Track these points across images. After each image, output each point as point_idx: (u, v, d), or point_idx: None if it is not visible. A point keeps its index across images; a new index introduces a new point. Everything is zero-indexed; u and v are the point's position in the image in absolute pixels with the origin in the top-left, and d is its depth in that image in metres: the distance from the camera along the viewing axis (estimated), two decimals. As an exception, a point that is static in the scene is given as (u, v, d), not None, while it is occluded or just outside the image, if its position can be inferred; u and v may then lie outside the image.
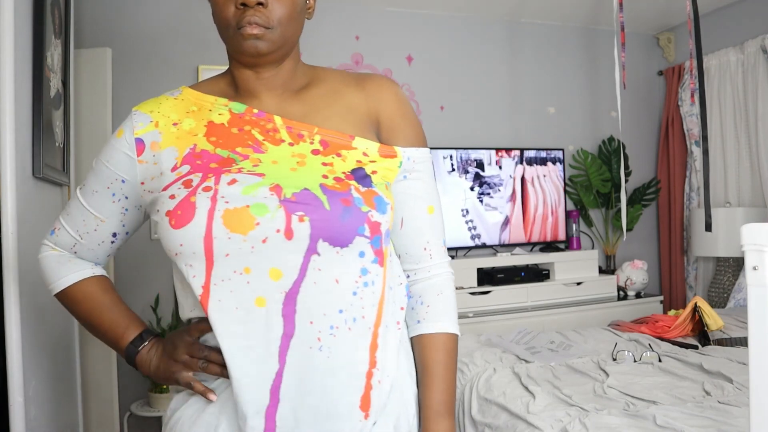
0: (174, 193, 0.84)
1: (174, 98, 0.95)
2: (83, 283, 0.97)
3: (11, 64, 1.41)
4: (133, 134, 0.91)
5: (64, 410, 1.90)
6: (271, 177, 0.83)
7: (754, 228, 0.86)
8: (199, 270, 0.82)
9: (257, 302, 0.81)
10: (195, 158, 0.87)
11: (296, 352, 0.81)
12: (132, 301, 3.01)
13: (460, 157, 3.53)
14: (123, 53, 3.04)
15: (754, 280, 0.87)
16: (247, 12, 0.84)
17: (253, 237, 0.80)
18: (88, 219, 0.95)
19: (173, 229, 0.82)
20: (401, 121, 0.95)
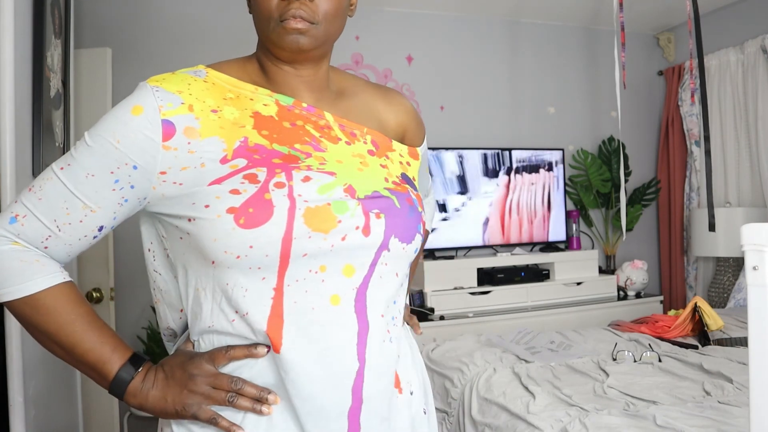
0: (237, 188, 0.75)
1: (203, 80, 0.81)
2: (52, 291, 0.77)
3: (11, 64, 1.41)
4: (160, 114, 0.76)
5: (64, 410, 1.90)
6: (343, 177, 0.81)
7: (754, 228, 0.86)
8: (270, 273, 0.76)
9: (332, 301, 0.78)
10: (251, 152, 0.77)
11: (374, 348, 0.80)
12: (132, 304, 3.02)
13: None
14: (123, 53, 3.04)
15: (754, 280, 0.87)
16: (293, 4, 0.79)
17: (333, 235, 0.77)
18: (74, 207, 0.77)
19: (243, 229, 0.73)
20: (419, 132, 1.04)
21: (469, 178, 3.55)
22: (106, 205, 0.78)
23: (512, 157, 3.65)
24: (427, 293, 3.28)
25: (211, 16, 3.23)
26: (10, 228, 0.77)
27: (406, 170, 0.91)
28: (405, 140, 0.99)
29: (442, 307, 3.26)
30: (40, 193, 0.77)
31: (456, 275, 3.38)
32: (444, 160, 3.49)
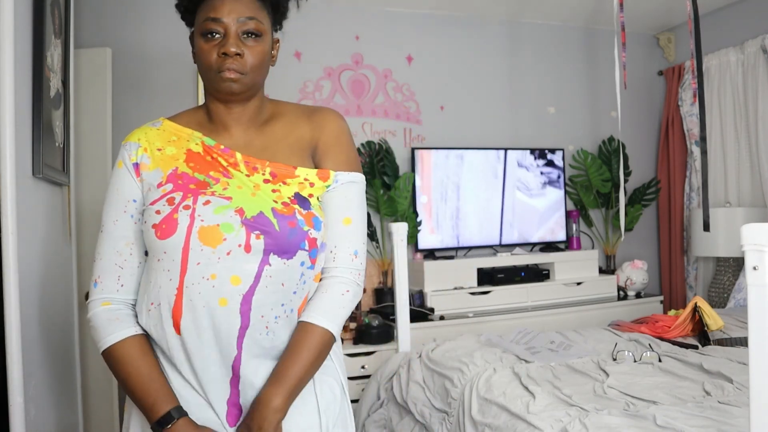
0: (159, 209, 1.02)
1: (156, 128, 1.13)
2: (125, 344, 1.04)
3: (11, 64, 1.41)
4: (130, 160, 1.08)
5: (64, 410, 1.90)
6: (237, 201, 1.03)
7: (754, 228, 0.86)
8: (174, 273, 1.01)
9: (220, 303, 1.00)
10: (177, 178, 1.06)
11: (249, 340, 1.02)
12: (132, 301, 3.02)
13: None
14: (123, 53, 3.04)
15: (754, 280, 0.87)
16: (227, 60, 1.04)
17: (220, 250, 1.00)
18: (121, 247, 1.08)
19: (159, 240, 1.01)
20: (335, 147, 1.14)
21: (469, 178, 3.55)
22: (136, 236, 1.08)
23: (512, 157, 3.65)
24: (427, 293, 3.28)
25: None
26: (96, 292, 1.08)
27: (303, 190, 1.08)
28: (317, 150, 1.14)
29: (442, 307, 3.26)
30: (98, 257, 1.10)
31: (456, 275, 3.38)
32: (444, 160, 3.49)
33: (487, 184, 3.59)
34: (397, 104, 3.62)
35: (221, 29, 1.04)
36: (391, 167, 3.42)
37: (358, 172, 1.15)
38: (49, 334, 1.77)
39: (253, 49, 1.06)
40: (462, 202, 3.53)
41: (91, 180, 2.71)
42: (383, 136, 3.55)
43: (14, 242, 1.42)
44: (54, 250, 1.86)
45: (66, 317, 2.00)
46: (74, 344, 2.10)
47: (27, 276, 1.51)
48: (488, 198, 3.59)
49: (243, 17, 1.05)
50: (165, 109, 3.27)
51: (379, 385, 2.43)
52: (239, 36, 1.05)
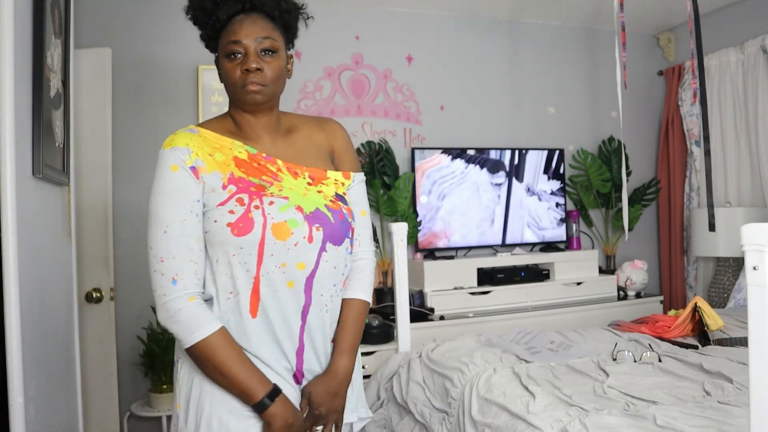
0: (232, 209, 1.16)
1: (197, 135, 1.22)
2: (215, 337, 1.14)
3: (11, 64, 1.41)
4: (187, 164, 1.17)
5: (64, 410, 1.90)
6: (293, 200, 1.20)
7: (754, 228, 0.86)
8: (251, 265, 1.16)
9: (288, 285, 1.19)
10: (236, 182, 1.18)
11: (313, 314, 1.22)
12: (132, 302, 3.02)
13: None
14: (123, 53, 3.04)
15: (754, 280, 0.87)
16: (250, 75, 1.19)
17: (289, 242, 1.17)
18: (192, 244, 1.16)
19: (236, 237, 1.15)
20: (346, 152, 1.37)
21: (469, 178, 3.55)
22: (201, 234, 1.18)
23: (512, 157, 3.65)
24: (427, 293, 3.28)
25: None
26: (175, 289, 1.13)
27: (338, 190, 1.29)
28: (334, 156, 1.35)
29: (442, 307, 3.26)
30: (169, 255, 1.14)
31: (456, 275, 3.38)
32: (444, 160, 3.49)
33: (487, 184, 3.59)
34: (397, 104, 3.62)
35: (242, 49, 1.20)
36: (391, 167, 3.42)
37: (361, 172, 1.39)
38: (49, 334, 1.77)
39: (271, 63, 1.21)
40: (462, 202, 3.53)
41: (91, 180, 2.71)
42: (383, 136, 3.55)
43: (14, 242, 1.42)
44: (54, 250, 1.86)
45: (66, 317, 2.00)
46: (74, 344, 2.10)
47: (27, 276, 1.51)
48: (488, 198, 3.59)
49: (260, 37, 1.20)
50: (165, 109, 3.30)
51: (379, 385, 2.43)
52: (258, 53, 1.20)
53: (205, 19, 1.24)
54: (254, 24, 1.21)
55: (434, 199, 3.47)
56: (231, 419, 1.16)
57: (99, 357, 2.71)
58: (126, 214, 3.06)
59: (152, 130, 3.14)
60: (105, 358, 2.74)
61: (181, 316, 1.13)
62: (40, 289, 1.68)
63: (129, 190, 3.07)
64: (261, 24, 1.21)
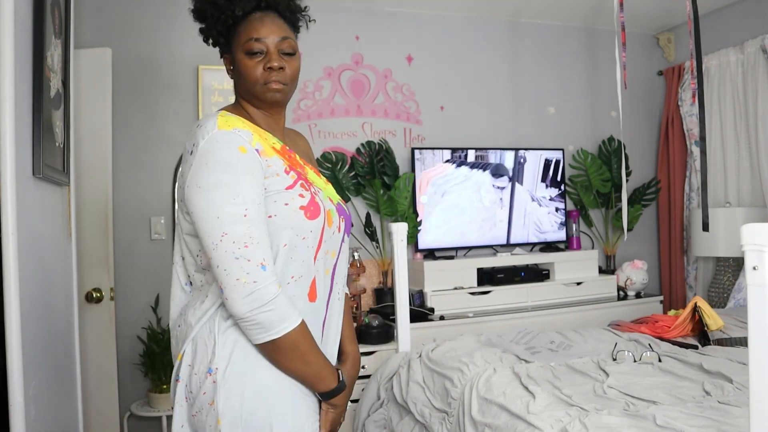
0: (302, 193, 1.17)
1: (242, 121, 1.19)
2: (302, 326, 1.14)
3: (11, 64, 1.41)
4: (252, 146, 1.13)
5: (64, 410, 1.90)
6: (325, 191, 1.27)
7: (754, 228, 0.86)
8: (313, 250, 1.19)
9: (326, 272, 1.25)
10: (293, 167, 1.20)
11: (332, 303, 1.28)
12: (132, 302, 3.02)
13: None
14: (123, 53, 3.04)
15: (754, 280, 0.87)
16: (273, 73, 1.20)
17: (333, 229, 1.23)
18: (266, 227, 1.12)
19: (308, 220, 1.16)
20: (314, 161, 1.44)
21: (469, 178, 3.55)
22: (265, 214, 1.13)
23: (512, 157, 3.65)
24: (427, 293, 3.28)
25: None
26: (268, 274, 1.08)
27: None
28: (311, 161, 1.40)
29: (442, 307, 3.26)
30: (253, 240, 1.08)
31: (456, 275, 3.38)
32: (448, 168, 3.49)
33: (487, 184, 3.59)
34: (397, 104, 3.62)
35: (263, 47, 1.20)
36: (391, 167, 3.42)
37: None
38: (49, 334, 1.77)
39: (290, 63, 1.23)
40: (461, 202, 3.53)
41: (91, 180, 2.71)
42: (383, 136, 3.55)
43: (14, 242, 1.42)
44: (54, 249, 1.86)
45: (66, 317, 2.00)
46: (74, 344, 2.10)
47: (27, 276, 1.51)
48: (488, 198, 3.59)
49: (281, 37, 1.21)
50: (165, 109, 3.29)
51: (379, 385, 2.43)
52: (279, 53, 1.21)
53: (216, 14, 1.21)
54: (273, 23, 1.21)
55: (435, 198, 3.47)
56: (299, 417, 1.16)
57: (99, 357, 2.71)
58: (126, 214, 3.06)
59: (152, 130, 3.14)
60: (105, 358, 2.74)
61: (276, 304, 1.08)
62: (41, 289, 1.68)
63: (129, 190, 3.07)
64: (279, 23, 1.23)
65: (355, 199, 3.47)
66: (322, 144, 3.45)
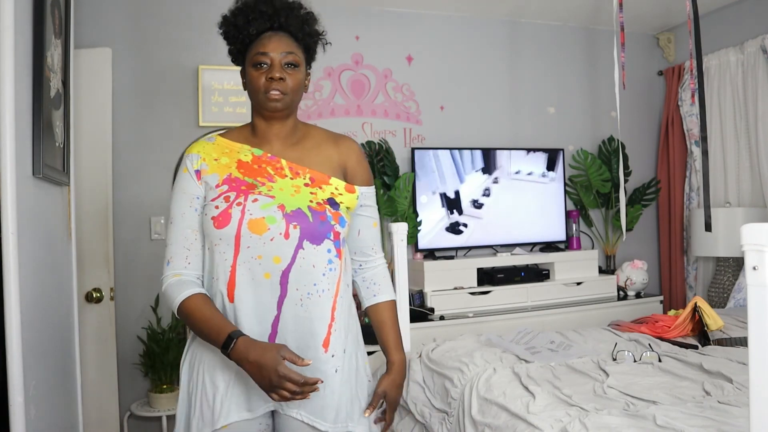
0: (218, 205, 1.33)
1: (212, 143, 1.42)
2: (191, 299, 1.31)
3: (11, 64, 1.41)
4: (193, 168, 1.38)
5: (64, 410, 1.90)
6: (279, 199, 1.34)
7: (754, 228, 0.86)
8: (229, 255, 1.31)
9: (265, 276, 1.31)
10: (231, 181, 1.36)
11: (287, 306, 1.33)
12: (132, 302, 3.02)
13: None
14: (123, 53, 3.04)
15: (754, 280, 0.87)
16: (273, 83, 1.34)
17: (265, 236, 1.30)
18: (188, 233, 1.35)
19: (216, 229, 1.31)
20: (358, 169, 1.47)
21: (469, 179, 3.55)
22: (198, 225, 1.36)
23: (512, 157, 3.65)
24: (427, 293, 3.28)
25: (210, 16, 3.22)
26: (168, 269, 1.35)
27: (336, 197, 1.40)
28: (347, 171, 1.46)
29: (442, 307, 3.26)
30: (168, 242, 1.36)
31: (456, 275, 3.38)
32: (444, 159, 3.49)
33: (487, 185, 3.59)
34: (397, 104, 3.62)
35: (268, 60, 1.36)
36: (391, 167, 3.42)
37: (373, 185, 1.52)
38: (49, 334, 1.77)
39: (292, 76, 1.37)
40: (462, 202, 3.53)
41: (91, 180, 2.71)
42: (383, 136, 3.55)
43: (14, 242, 1.42)
44: (54, 250, 1.86)
45: (66, 317, 2.00)
46: (74, 344, 2.10)
47: (27, 276, 1.51)
48: (488, 198, 3.59)
49: (284, 51, 1.37)
50: (165, 109, 3.29)
51: (379, 385, 2.43)
52: (282, 66, 1.36)
53: (236, 34, 1.39)
54: (280, 40, 1.38)
55: (435, 198, 3.47)
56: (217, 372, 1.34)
57: (99, 357, 2.71)
58: (126, 214, 3.06)
59: (152, 130, 3.14)
60: (105, 358, 2.74)
61: (167, 289, 1.34)
62: (41, 289, 1.68)
63: (129, 190, 3.07)
64: (286, 41, 1.39)
65: (355, 199, 3.46)
66: (322, 144, 3.45)
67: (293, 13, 1.42)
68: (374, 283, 1.52)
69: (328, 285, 1.35)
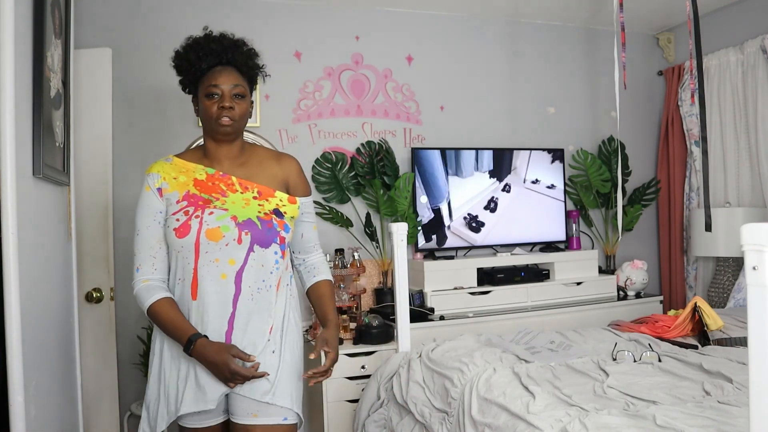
0: (179, 218, 1.56)
1: (169, 163, 1.65)
2: (158, 303, 1.56)
3: (11, 64, 1.41)
4: (154, 187, 1.60)
5: (64, 410, 1.90)
6: (231, 211, 1.58)
7: (754, 228, 0.86)
8: (190, 260, 1.56)
9: (222, 276, 1.56)
10: (190, 197, 1.59)
11: (241, 302, 1.57)
12: (132, 302, 2.99)
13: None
14: (123, 53, 3.04)
15: (754, 280, 0.87)
16: (224, 111, 1.59)
17: (221, 243, 1.55)
18: (153, 243, 1.59)
19: (178, 239, 1.55)
20: (299, 182, 1.74)
21: (469, 178, 3.55)
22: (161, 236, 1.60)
23: (512, 157, 3.65)
24: (427, 293, 3.28)
25: (210, 16, 3.23)
26: (137, 276, 1.61)
27: (280, 208, 1.65)
28: (289, 185, 1.71)
29: (442, 307, 3.26)
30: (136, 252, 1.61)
31: (456, 275, 3.38)
32: (444, 159, 3.49)
33: (487, 184, 3.59)
34: (397, 104, 3.62)
35: (219, 92, 1.60)
36: (391, 167, 3.42)
37: (310, 194, 1.78)
38: (49, 334, 1.77)
39: (240, 105, 1.62)
40: (462, 202, 3.53)
41: (91, 180, 2.71)
42: (383, 136, 3.55)
43: (14, 242, 1.42)
44: (54, 249, 1.86)
45: (66, 317, 2.00)
46: (74, 344, 2.10)
47: (27, 276, 1.51)
48: (487, 198, 3.59)
49: (233, 84, 1.61)
50: (165, 109, 3.29)
51: (379, 385, 2.43)
52: (231, 96, 1.60)
53: (188, 67, 1.63)
54: (229, 74, 1.62)
55: (435, 198, 3.47)
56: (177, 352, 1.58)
57: (99, 357, 2.71)
58: (126, 214, 3.05)
59: (152, 130, 3.14)
60: (105, 358, 2.74)
61: (138, 293, 1.58)
62: (41, 289, 1.69)
63: (129, 190, 3.07)
64: (234, 75, 1.63)
65: (355, 199, 3.47)
66: (322, 144, 3.45)
67: (239, 50, 1.65)
68: (314, 268, 1.79)
69: (273, 281, 1.61)
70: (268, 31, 3.33)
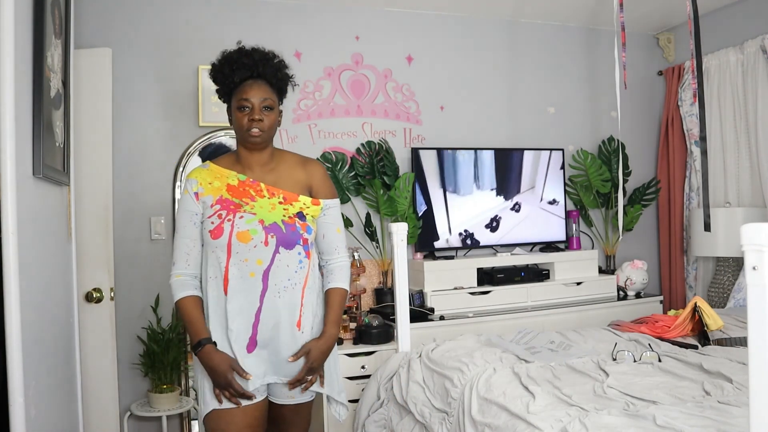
0: (213, 221, 1.72)
1: (207, 169, 1.81)
2: (185, 300, 1.74)
3: (11, 64, 1.41)
4: (192, 191, 1.77)
5: (64, 410, 1.90)
6: (259, 215, 1.74)
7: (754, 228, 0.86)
8: (223, 258, 1.71)
9: (250, 275, 1.71)
10: (222, 202, 1.75)
11: (268, 298, 1.72)
12: (132, 300, 3.02)
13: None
14: (123, 53, 3.04)
15: (754, 280, 0.87)
16: (254, 123, 1.73)
17: (250, 244, 1.71)
18: (188, 243, 1.76)
19: (212, 240, 1.71)
20: (322, 186, 1.86)
21: (469, 178, 3.55)
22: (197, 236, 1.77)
23: (512, 157, 3.65)
24: (427, 293, 3.28)
25: (210, 15, 3.23)
26: (174, 270, 1.77)
27: (303, 210, 1.79)
28: (313, 189, 1.84)
29: (442, 307, 3.26)
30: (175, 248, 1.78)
31: (456, 275, 3.38)
32: (444, 159, 3.49)
33: (487, 184, 3.59)
34: (397, 104, 3.62)
35: (250, 105, 1.74)
36: (391, 167, 3.42)
37: (336, 198, 1.89)
38: (50, 334, 1.77)
39: (269, 116, 1.75)
40: (462, 202, 3.53)
41: (91, 180, 2.71)
42: (383, 136, 3.55)
43: (14, 242, 1.42)
44: (54, 249, 1.86)
45: (66, 317, 2.00)
46: (74, 344, 2.10)
47: (27, 276, 1.51)
48: (487, 198, 3.59)
49: (263, 98, 1.75)
50: (165, 109, 3.29)
51: (379, 385, 2.43)
52: (261, 109, 1.74)
53: (222, 80, 1.77)
54: (260, 88, 1.75)
55: (434, 198, 3.47)
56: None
57: (99, 357, 2.71)
58: (126, 214, 3.06)
59: (152, 130, 3.14)
60: (105, 358, 2.74)
61: (172, 284, 1.76)
62: (41, 289, 1.69)
63: (129, 190, 3.07)
64: (264, 88, 1.76)
65: (355, 199, 3.47)
66: (322, 144, 3.45)
67: (269, 63, 1.78)
68: (331, 273, 1.87)
69: (298, 279, 1.75)
70: (268, 31, 3.33)
